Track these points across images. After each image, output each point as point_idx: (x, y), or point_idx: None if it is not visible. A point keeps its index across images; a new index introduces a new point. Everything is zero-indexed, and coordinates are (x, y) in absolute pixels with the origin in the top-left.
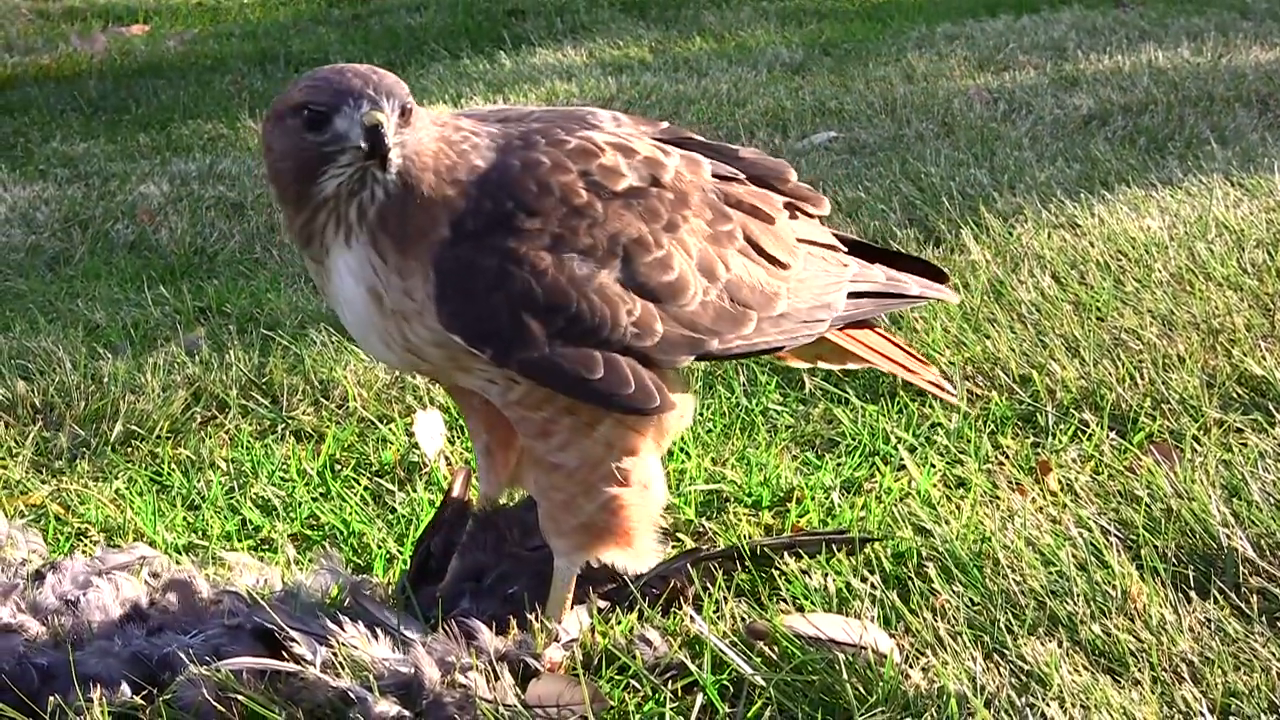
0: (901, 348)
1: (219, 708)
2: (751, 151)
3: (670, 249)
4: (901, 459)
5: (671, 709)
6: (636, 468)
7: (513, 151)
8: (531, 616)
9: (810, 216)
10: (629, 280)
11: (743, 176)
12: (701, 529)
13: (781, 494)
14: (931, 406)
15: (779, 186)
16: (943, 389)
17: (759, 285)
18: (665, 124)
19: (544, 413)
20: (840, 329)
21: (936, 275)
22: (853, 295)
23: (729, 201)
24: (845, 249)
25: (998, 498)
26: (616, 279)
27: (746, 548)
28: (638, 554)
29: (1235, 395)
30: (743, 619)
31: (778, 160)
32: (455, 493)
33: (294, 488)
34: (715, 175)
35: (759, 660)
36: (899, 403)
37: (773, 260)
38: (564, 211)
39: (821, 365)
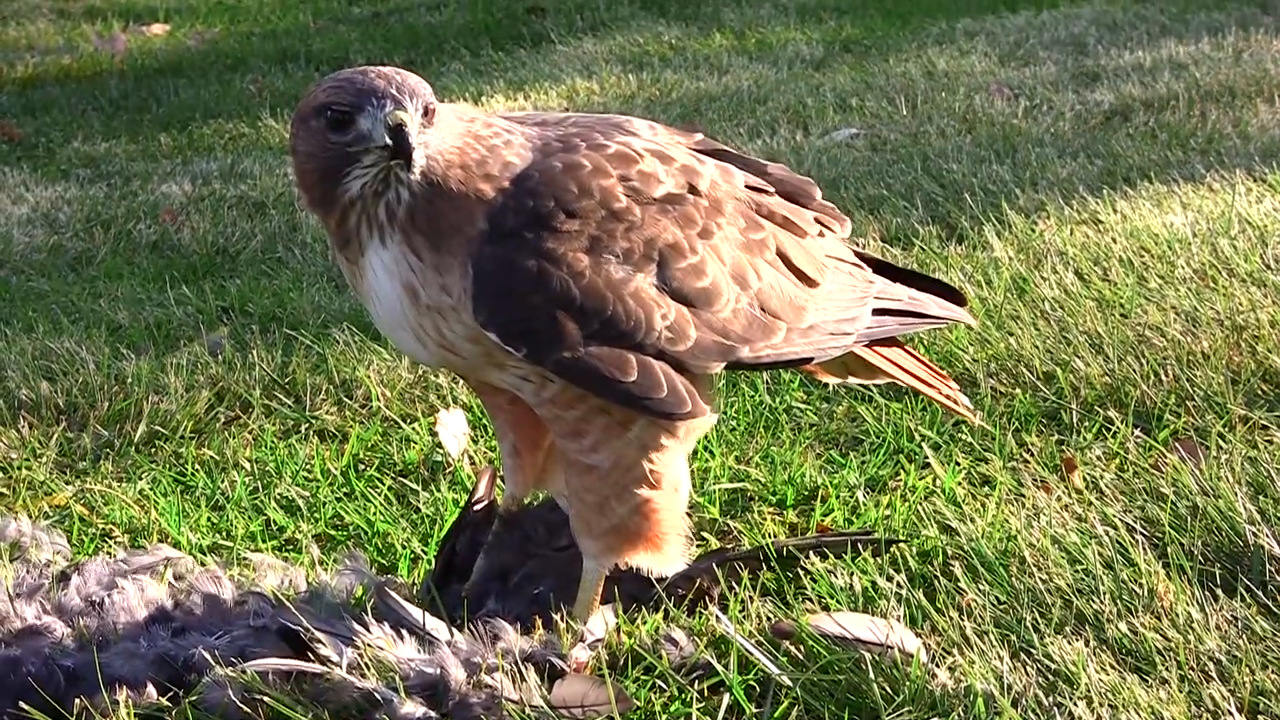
0: (925, 364)
1: (245, 709)
2: (779, 168)
3: (705, 255)
4: (926, 457)
5: (698, 709)
6: (668, 470)
7: (553, 153)
8: (557, 616)
9: (833, 233)
10: (664, 285)
11: (773, 190)
12: (726, 528)
13: (806, 492)
14: None
15: (805, 203)
16: (962, 405)
17: (789, 296)
18: (699, 135)
19: (577, 412)
20: (867, 345)
21: (953, 295)
22: (877, 312)
23: (761, 213)
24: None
25: (1023, 495)
26: (652, 283)
27: (772, 548)
28: (667, 557)
29: (1260, 392)
30: (769, 618)
31: (804, 178)
32: (480, 493)
33: (318, 488)
34: (748, 187)
35: (785, 660)
36: (923, 400)
37: (801, 274)
38: (603, 214)
39: (852, 380)
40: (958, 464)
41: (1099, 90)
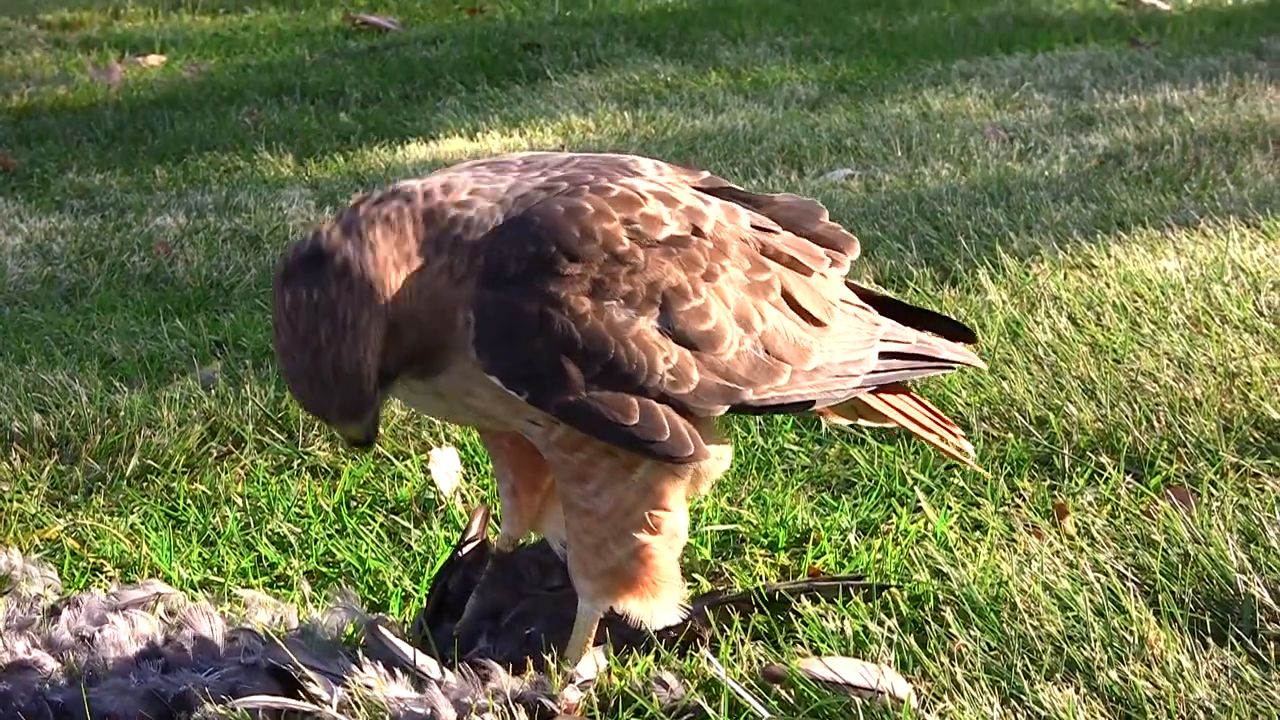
0: (931, 411)
1: None
2: (787, 197)
3: (708, 298)
4: (918, 501)
5: None
6: (668, 516)
7: (555, 198)
8: (548, 657)
9: (839, 265)
10: (667, 328)
11: (779, 228)
12: (718, 570)
13: (798, 535)
14: None
15: (813, 229)
16: (970, 458)
17: (794, 338)
18: (705, 173)
19: (583, 455)
20: (873, 391)
21: (962, 334)
22: (885, 355)
23: (767, 253)
24: (874, 309)
25: (1014, 541)
26: (655, 326)
27: (763, 592)
28: (662, 605)
29: (1252, 439)
30: (759, 662)
31: (809, 200)
32: (474, 531)
33: (310, 524)
34: (754, 226)
35: (775, 704)
36: (915, 444)
37: (807, 315)
38: (606, 258)
39: (861, 422)
40: (949, 508)
41: (1093, 134)
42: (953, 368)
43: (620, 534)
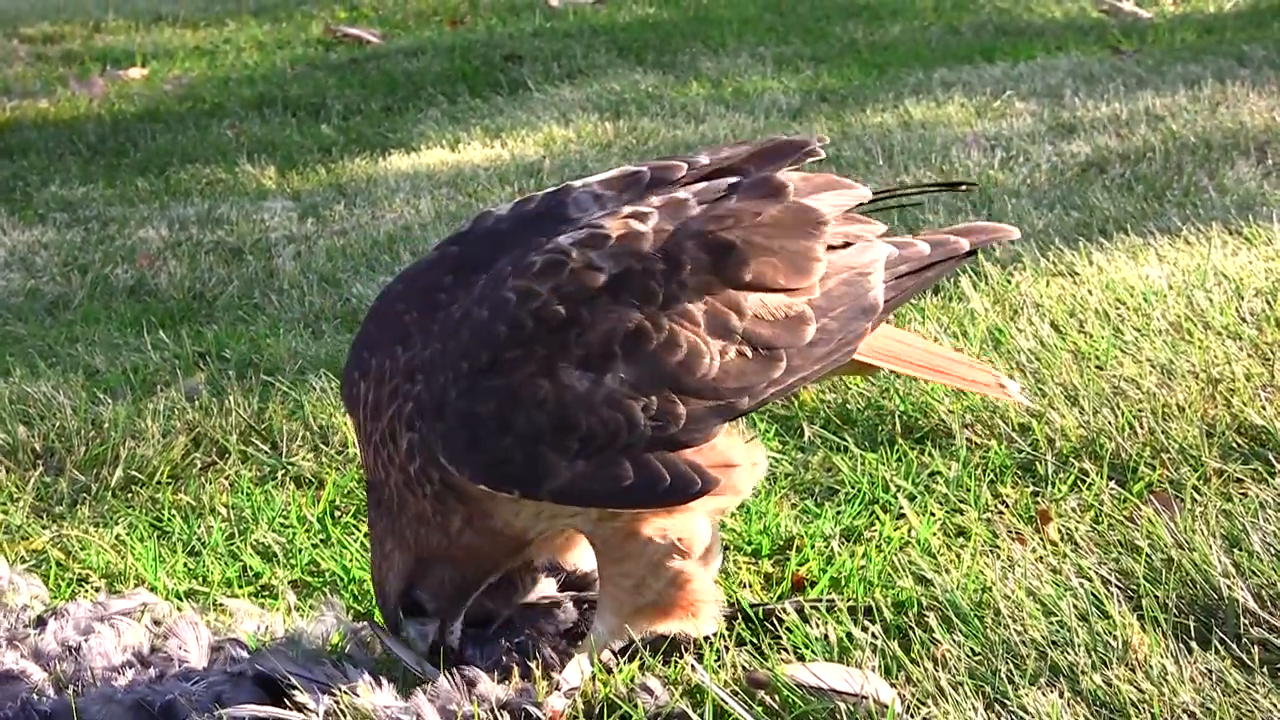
0: (947, 357)
1: None
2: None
3: (671, 325)
4: (901, 507)
5: None
6: (695, 536)
7: (477, 303)
8: (534, 665)
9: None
10: (637, 374)
11: (735, 179)
12: None
13: (781, 542)
14: (931, 454)
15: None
16: (1004, 389)
17: (782, 312)
18: (647, 165)
19: (619, 522)
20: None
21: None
22: (900, 276)
23: (725, 226)
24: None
25: (998, 547)
26: (621, 379)
27: (748, 607)
28: (701, 623)
29: (1235, 445)
30: (744, 668)
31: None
32: None
33: (294, 534)
34: (702, 201)
35: (760, 710)
36: (898, 450)
37: (793, 272)
38: (545, 333)
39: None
40: (933, 515)
41: (1075, 142)
42: (974, 253)
43: (656, 567)
